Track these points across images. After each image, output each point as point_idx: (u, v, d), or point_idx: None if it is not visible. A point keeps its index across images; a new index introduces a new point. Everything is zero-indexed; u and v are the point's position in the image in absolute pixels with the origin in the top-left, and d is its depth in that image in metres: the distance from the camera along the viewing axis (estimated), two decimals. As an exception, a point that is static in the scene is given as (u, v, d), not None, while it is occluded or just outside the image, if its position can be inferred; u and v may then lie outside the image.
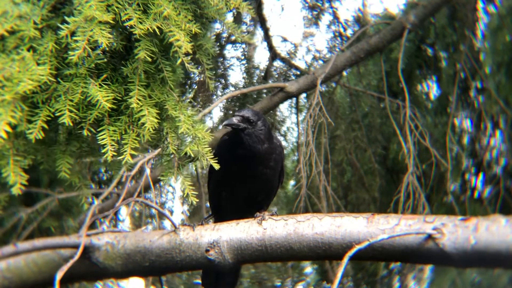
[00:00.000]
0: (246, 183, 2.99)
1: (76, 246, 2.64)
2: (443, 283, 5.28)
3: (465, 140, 5.62)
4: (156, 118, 2.48)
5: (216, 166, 2.60)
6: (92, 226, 3.09)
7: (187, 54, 2.48)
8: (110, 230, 2.81)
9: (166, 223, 5.21)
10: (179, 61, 2.46)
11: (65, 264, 2.55)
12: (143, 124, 2.46)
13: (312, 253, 2.58)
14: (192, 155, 2.56)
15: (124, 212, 5.50)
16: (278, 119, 5.78)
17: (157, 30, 2.43)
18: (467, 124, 5.57)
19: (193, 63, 2.51)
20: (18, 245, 2.50)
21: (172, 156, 2.63)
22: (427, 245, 2.37)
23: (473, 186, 5.51)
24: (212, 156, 2.60)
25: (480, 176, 5.49)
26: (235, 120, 2.91)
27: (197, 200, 2.60)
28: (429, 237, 2.37)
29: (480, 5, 5.29)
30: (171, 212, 5.79)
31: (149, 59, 2.46)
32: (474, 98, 5.45)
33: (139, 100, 2.46)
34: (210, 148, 2.59)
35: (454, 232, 2.34)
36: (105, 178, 5.45)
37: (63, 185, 4.94)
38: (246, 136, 2.91)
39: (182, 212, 5.91)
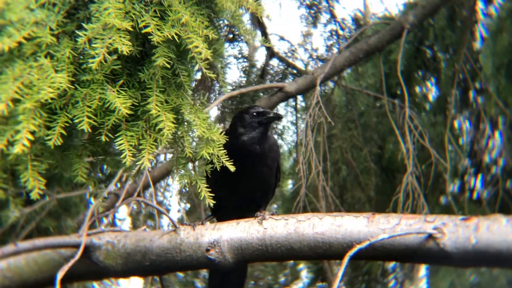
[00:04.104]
0: (244, 182, 2.98)
1: (76, 246, 2.64)
2: (441, 283, 5.29)
3: (464, 141, 5.63)
4: (173, 123, 2.47)
5: (232, 168, 2.59)
6: (92, 226, 3.08)
7: (205, 59, 2.47)
8: (111, 230, 2.81)
9: (166, 222, 5.21)
10: (196, 66, 2.46)
11: (65, 263, 2.55)
12: (160, 129, 2.45)
13: (313, 253, 2.57)
14: (208, 158, 2.56)
15: (124, 211, 5.50)
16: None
17: (175, 37, 2.41)
18: (466, 125, 5.58)
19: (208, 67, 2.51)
20: (19, 245, 2.50)
21: (187, 159, 2.63)
22: (427, 244, 2.37)
23: (472, 187, 5.52)
24: (228, 158, 2.58)
25: (479, 177, 5.50)
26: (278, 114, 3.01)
27: (214, 202, 2.59)
28: (430, 236, 2.37)
29: (479, 6, 5.30)
30: (168, 210, 5.79)
31: (168, 66, 2.46)
32: (473, 100, 5.46)
33: (157, 105, 2.45)
34: (225, 151, 2.58)
35: (455, 231, 2.34)
36: (102, 177, 5.44)
37: (61, 184, 4.94)
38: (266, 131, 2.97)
39: (178, 211, 5.90)
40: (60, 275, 2.47)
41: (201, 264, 2.72)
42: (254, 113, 2.98)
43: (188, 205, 5.98)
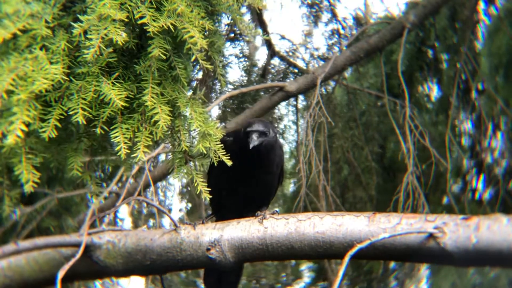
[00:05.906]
0: (245, 185, 2.98)
1: (77, 245, 2.64)
2: (443, 284, 5.28)
3: (466, 141, 5.62)
4: (169, 116, 2.47)
5: (229, 163, 2.56)
6: (92, 225, 3.08)
7: (200, 50, 2.47)
8: (111, 229, 2.81)
9: (166, 222, 5.22)
10: (193, 57, 2.45)
11: (66, 262, 2.55)
12: (156, 122, 2.44)
13: (313, 252, 2.57)
14: (204, 152, 2.55)
15: (125, 211, 5.51)
16: (275, 117, 5.78)
17: (171, 27, 2.41)
18: (467, 125, 5.58)
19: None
20: (19, 244, 2.50)
21: (184, 153, 2.62)
22: (428, 244, 2.37)
23: (474, 187, 5.51)
24: (224, 153, 2.57)
25: (481, 177, 5.50)
26: (257, 142, 2.83)
27: (210, 196, 2.58)
28: (431, 236, 2.36)
29: (480, 6, 5.29)
30: (170, 210, 5.79)
31: (163, 57, 2.45)
32: (475, 100, 5.46)
33: (152, 97, 2.45)
34: (222, 145, 2.57)
35: (456, 231, 2.34)
36: (103, 176, 5.45)
37: (62, 184, 4.94)
38: (263, 148, 2.87)
39: (180, 210, 5.91)
40: (60, 274, 2.47)
41: (202, 264, 2.71)
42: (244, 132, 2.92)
43: (190, 205, 5.99)
